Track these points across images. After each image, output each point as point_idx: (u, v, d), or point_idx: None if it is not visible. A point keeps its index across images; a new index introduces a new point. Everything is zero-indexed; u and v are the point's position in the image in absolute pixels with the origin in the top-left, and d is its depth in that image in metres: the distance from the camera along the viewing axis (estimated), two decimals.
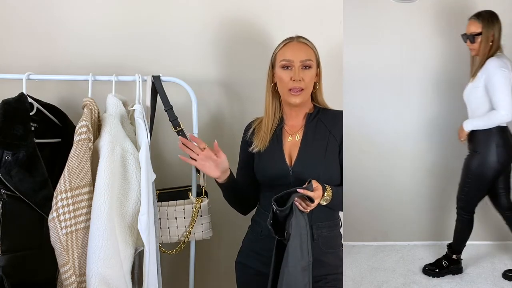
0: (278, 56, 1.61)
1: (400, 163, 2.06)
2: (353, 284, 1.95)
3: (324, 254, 1.58)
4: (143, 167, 1.54)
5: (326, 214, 1.59)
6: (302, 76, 1.56)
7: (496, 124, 1.79)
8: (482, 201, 2.07)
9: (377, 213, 2.13)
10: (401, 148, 2.08)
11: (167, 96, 1.75)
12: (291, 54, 1.58)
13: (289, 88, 1.57)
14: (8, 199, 1.51)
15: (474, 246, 2.13)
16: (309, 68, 1.57)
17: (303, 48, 1.59)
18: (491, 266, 2.04)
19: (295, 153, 1.60)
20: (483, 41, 1.81)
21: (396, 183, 2.04)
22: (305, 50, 1.59)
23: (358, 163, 2.03)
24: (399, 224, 2.11)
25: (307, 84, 1.57)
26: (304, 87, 1.57)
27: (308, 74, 1.57)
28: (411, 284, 1.99)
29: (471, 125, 1.86)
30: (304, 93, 1.58)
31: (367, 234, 2.15)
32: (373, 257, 2.10)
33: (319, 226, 1.59)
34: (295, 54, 1.57)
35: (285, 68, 1.58)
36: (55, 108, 1.74)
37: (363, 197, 2.10)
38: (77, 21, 2.02)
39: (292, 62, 1.57)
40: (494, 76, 1.79)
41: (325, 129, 1.61)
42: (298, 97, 1.57)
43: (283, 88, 1.59)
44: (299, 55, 1.57)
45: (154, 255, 1.55)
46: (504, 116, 1.77)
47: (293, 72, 1.56)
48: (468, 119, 1.88)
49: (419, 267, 2.04)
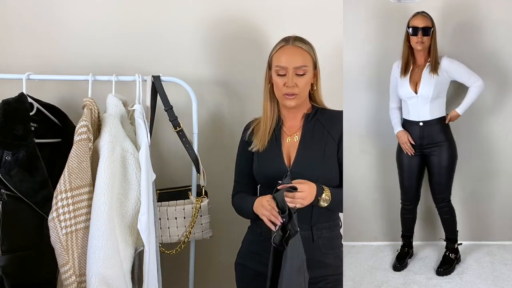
0: (274, 60, 1.61)
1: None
2: (353, 284, 1.95)
3: (325, 255, 1.58)
4: (143, 167, 1.54)
5: (326, 215, 1.59)
6: (296, 82, 1.56)
7: (478, 94, 1.90)
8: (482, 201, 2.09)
9: (377, 213, 2.13)
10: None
11: (167, 96, 1.75)
12: (285, 60, 1.57)
13: (283, 93, 1.58)
14: (8, 199, 1.52)
15: (474, 246, 2.13)
16: (303, 74, 1.57)
17: (297, 54, 1.58)
18: (491, 266, 2.04)
19: (293, 153, 1.61)
20: (435, 35, 1.89)
21: (396, 183, 2.04)
22: (300, 56, 1.58)
23: (358, 163, 2.02)
24: (399, 224, 2.10)
25: (301, 89, 1.58)
26: (298, 92, 1.57)
27: (302, 80, 1.57)
28: (411, 284, 1.98)
29: (464, 105, 1.93)
30: (298, 97, 1.58)
31: (367, 234, 2.15)
32: (373, 257, 2.10)
33: (319, 227, 1.59)
34: (289, 60, 1.57)
35: (279, 75, 1.58)
36: (55, 108, 1.75)
37: (363, 197, 2.10)
38: (77, 21, 2.02)
39: (286, 69, 1.56)
40: (458, 66, 1.91)
41: (323, 130, 1.61)
42: (292, 100, 1.58)
43: (278, 92, 1.60)
44: (293, 61, 1.56)
45: (154, 255, 1.55)
46: (482, 86, 1.89)
47: (287, 79, 1.56)
48: (459, 106, 1.93)
49: (419, 267, 2.04)
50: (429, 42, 1.89)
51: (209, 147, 2.01)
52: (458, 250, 2.07)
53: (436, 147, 1.97)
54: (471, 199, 2.05)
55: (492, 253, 2.11)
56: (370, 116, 2.08)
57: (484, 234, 2.15)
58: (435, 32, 1.88)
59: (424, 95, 1.92)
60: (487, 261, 2.07)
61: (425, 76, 1.92)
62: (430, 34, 1.88)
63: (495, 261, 2.07)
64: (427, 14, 1.89)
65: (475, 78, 1.89)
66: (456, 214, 2.04)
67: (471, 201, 2.06)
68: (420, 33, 1.88)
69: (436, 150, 1.97)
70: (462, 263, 2.06)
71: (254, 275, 1.63)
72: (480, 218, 2.12)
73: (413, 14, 1.90)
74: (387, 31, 2.03)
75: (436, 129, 1.96)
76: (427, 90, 1.91)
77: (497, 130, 2.03)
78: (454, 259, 2.05)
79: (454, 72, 1.91)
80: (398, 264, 2.01)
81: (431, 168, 2.00)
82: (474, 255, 2.11)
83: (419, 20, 1.89)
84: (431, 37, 1.88)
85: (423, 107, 1.94)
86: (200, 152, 1.82)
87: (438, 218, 2.13)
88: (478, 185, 2.04)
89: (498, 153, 2.05)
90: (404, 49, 1.95)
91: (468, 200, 2.05)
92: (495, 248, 2.13)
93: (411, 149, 1.97)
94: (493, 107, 1.98)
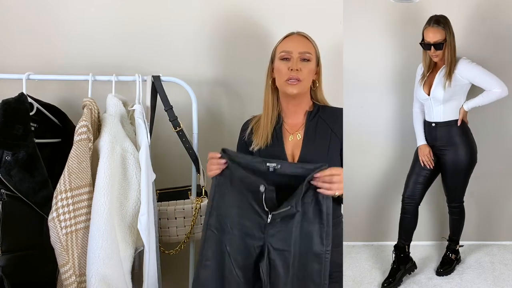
0: (278, 49, 1.61)
1: (400, 163, 2.06)
2: (353, 284, 1.95)
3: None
4: (143, 167, 1.54)
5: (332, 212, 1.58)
6: (300, 67, 1.55)
7: (493, 100, 1.88)
8: (483, 201, 2.09)
9: (377, 213, 2.13)
10: (401, 148, 2.08)
11: (167, 96, 1.75)
12: (290, 45, 1.58)
13: (286, 78, 1.56)
14: (8, 199, 1.51)
15: (474, 246, 2.13)
16: (307, 61, 1.57)
17: (302, 41, 1.60)
18: (491, 266, 2.04)
19: (297, 152, 1.59)
20: (449, 48, 1.86)
21: (396, 183, 2.04)
22: (305, 43, 1.59)
23: (358, 163, 2.03)
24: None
25: (304, 75, 1.56)
26: (302, 78, 1.55)
27: (306, 66, 1.57)
28: (411, 284, 1.99)
29: (472, 103, 1.91)
30: (301, 85, 1.56)
31: (367, 234, 2.15)
32: (373, 257, 2.10)
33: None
34: (294, 45, 1.58)
35: (283, 59, 1.58)
36: (55, 108, 1.75)
37: (363, 197, 2.10)
38: (77, 21, 2.02)
39: (291, 53, 1.57)
40: (473, 69, 1.87)
41: (327, 127, 1.60)
42: (295, 87, 1.56)
43: (281, 79, 1.58)
44: (298, 46, 1.57)
45: (154, 255, 1.55)
46: (501, 93, 1.86)
47: (291, 63, 1.56)
48: (466, 102, 1.92)
49: (419, 267, 2.04)
50: (443, 52, 1.86)
51: (209, 147, 2.00)
52: (458, 251, 2.07)
53: (449, 149, 1.96)
54: (471, 199, 2.05)
55: (492, 253, 2.11)
56: (370, 116, 2.08)
57: (484, 234, 2.15)
58: (451, 41, 1.85)
59: (436, 97, 1.91)
60: (487, 261, 2.07)
61: (438, 78, 1.91)
62: (443, 48, 1.85)
63: (495, 261, 2.07)
64: (438, 25, 1.85)
65: (496, 84, 1.85)
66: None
67: (471, 201, 2.06)
68: (432, 48, 1.86)
69: (449, 152, 1.96)
70: (462, 263, 2.06)
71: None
72: (480, 218, 2.12)
73: (426, 23, 1.87)
74: (387, 31, 2.03)
75: (449, 130, 1.94)
76: (438, 92, 1.90)
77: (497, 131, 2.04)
78: (455, 260, 2.05)
79: (470, 75, 1.88)
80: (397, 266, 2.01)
81: (444, 169, 1.99)
82: (474, 255, 2.11)
83: (430, 34, 1.86)
84: (444, 47, 1.85)
85: (436, 109, 1.94)
86: (200, 152, 1.82)
87: (438, 218, 2.13)
88: (478, 185, 2.04)
89: (498, 153, 2.05)
90: (424, 57, 1.94)
91: (468, 201, 2.05)
92: (495, 248, 2.13)
93: (430, 163, 1.97)
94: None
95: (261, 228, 1.48)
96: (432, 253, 2.12)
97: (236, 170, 1.49)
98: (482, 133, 1.99)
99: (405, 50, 2.03)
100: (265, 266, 1.46)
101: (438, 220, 2.14)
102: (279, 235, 1.47)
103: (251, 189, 1.46)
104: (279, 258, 1.47)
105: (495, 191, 2.10)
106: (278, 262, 1.47)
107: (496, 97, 1.87)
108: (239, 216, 1.50)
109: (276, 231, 1.47)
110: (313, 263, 1.45)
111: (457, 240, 2.06)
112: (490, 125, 2.03)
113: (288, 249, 1.46)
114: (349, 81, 1.86)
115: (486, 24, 1.97)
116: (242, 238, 1.50)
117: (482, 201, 2.10)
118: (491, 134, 2.03)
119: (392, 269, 1.99)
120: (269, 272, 1.47)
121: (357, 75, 1.99)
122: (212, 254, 1.53)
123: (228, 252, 1.50)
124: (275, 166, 1.47)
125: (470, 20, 1.97)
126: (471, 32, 1.96)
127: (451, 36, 1.86)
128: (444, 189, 2.04)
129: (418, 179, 2.00)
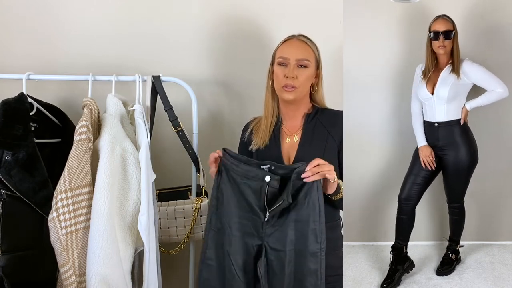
0: (277, 53, 1.61)
1: (400, 163, 2.06)
2: (353, 284, 1.95)
3: (326, 255, 1.58)
4: (143, 167, 1.54)
5: (328, 215, 1.58)
6: (296, 74, 1.55)
7: (495, 100, 1.90)
8: (484, 201, 2.09)
9: (377, 213, 2.13)
10: (401, 148, 2.08)
11: (167, 96, 1.75)
12: (288, 51, 1.58)
13: (282, 84, 1.56)
14: (8, 199, 1.51)
15: (474, 246, 2.13)
16: (304, 67, 1.56)
17: (301, 47, 1.58)
18: (491, 266, 2.04)
19: (293, 154, 1.59)
20: (456, 42, 1.89)
21: (396, 183, 2.04)
22: (304, 49, 1.58)
23: (358, 163, 2.03)
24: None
25: (300, 83, 1.56)
26: (297, 85, 1.55)
27: (303, 73, 1.56)
28: (411, 284, 1.99)
29: (474, 103, 1.92)
30: (297, 91, 1.56)
31: (367, 234, 2.15)
32: (373, 257, 2.10)
33: None
34: (292, 51, 1.57)
35: (281, 65, 1.58)
36: (55, 108, 1.74)
37: (363, 197, 2.10)
38: (77, 21, 2.02)
39: (288, 60, 1.56)
40: (477, 70, 1.90)
41: (324, 130, 1.60)
42: (291, 93, 1.56)
43: (278, 84, 1.58)
44: (296, 53, 1.57)
45: (154, 255, 1.55)
46: (503, 94, 1.89)
47: (288, 70, 1.56)
48: (468, 102, 1.93)
49: (419, 267, 2.04)
50: (451, 45, 1.89)
51: (209, 147, 2.00)
52: (459, 251, 2.07)
53: (450, 149, 1.96)
54: (471, 199, 2.06)
55: (492, 253, 2.11)
56: (370, 116, 2.08)
57: (484, 234, 2.15)
58: (457, 35, 1.88)
59: (440, 96, 1.91)
60: (487, 261, 2.07)
61: (442, 77, 1.91)
62: (452, 37, 1.87)
63: (495, 261, 2.07)
64: (448, 17, 1.88)
65: (497, 85, 1.88)
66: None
67: (471, 201, 2.06)
68: (441, 37, 1.87)
69: (450, 152, 1.96)
70: (462, 263, 2.07)
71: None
72: (480, 218, 2.12)
73: (434, 18, 1.90)
74: (387, 31, 2.03)
75: (451, 130, 1.95)
76: (443, 90, 1.90)
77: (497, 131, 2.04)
78: (455, 260, 2.05)
79: (473, 75, 1.90)
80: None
81: (445, 169, 1.99)
82: (474, 255, 2.11)
83: (440, 24, 1.88)
84: (452, 40, 1.88)
85: (439, 108, 1.94)
86: (200, 152, 1.82)
87: (439, 219, 2.14)
88: (478, 185, 2.04)
89: (498, 153, 2.05)
90: (427, 54, 1.94)
91: (468, 201, 2.05)
92: (495, 248, 2.13)
93: (432, 164, 1.96)
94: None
95: (259, 227, 1.48)
96: (432, 253, 2.12)
97: (238, 167, 1.50)
98: (483, 133, 2.00)
99: (405, 50, 2.04)
100: (263, 265, 1.47)
101: (438, 220, 2.14)
102: (276, 235, 1.47)
103: (253, 185, 1.47)
104: (276, 258, 1.48)
105: (495, 191, 2.10)
106: (275, 262, 1.48)
107: (498, 97, 1.89)
108: (238, 216, 1.51)
109: (273, 230, 1.48)
110: (309, 262, 1.45)
111: (457, 240, 2.06)
112: (490, 125, 2.03)
113: (283, 249, 1.46)
114: (349, 81, 1.86)
115: (485, 24, 1.97)
116: (241, 237, 1.50)
117: (483, 201, 2.10)
118: (492, 134, 2.04)
119: (391, 270, 1.99)
120: (266, 272, 1.47)
121: (357, 75, 1.99)
122: (213, 254, 1.54)
123: (228, 252, 1.51)
124: (269, 167, 1.48)
125: (470, 20, 1.97)
126: (471, 32, 1.97)
127: (456, 32, 1.88)
128: (445, 190, 2.03)
129: (416, 179, 2.00)
